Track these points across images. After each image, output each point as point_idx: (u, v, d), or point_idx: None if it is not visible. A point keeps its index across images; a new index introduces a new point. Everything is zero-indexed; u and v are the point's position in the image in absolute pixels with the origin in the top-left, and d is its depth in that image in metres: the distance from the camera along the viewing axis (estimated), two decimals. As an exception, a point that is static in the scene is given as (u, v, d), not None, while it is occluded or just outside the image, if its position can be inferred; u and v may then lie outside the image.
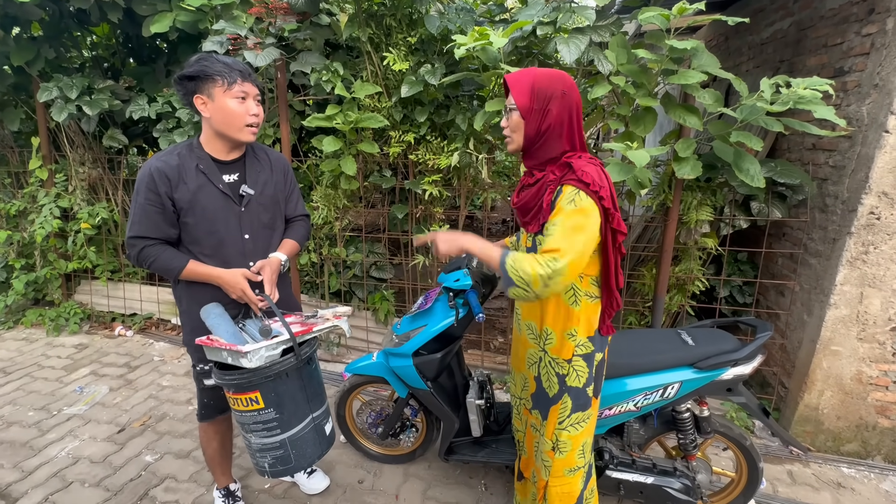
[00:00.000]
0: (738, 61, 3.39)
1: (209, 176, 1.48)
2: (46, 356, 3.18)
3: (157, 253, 1.46)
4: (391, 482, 2.10)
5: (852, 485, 2.13)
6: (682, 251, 2.57)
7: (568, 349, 1.36)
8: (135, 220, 1.45)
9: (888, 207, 2.00)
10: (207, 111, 1.44)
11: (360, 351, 3.16)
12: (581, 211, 1.18)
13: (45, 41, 3.17)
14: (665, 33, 2.00)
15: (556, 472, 1.45)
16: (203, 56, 1.44)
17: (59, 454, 2.24)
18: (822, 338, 2.19)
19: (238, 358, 1.36)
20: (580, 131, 1.29)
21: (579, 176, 1.20)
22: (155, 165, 1.44)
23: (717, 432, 1.75)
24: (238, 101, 1.44)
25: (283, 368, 1.41)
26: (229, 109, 1.43)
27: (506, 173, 3.10)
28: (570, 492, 1.46)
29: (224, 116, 1.44)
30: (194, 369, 1.66)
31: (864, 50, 2.08)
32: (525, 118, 1.27)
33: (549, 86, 1.24)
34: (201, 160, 1.49)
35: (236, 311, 1.56)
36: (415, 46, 2.60)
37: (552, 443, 1.44)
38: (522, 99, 1.25)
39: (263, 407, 1.43)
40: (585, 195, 1.19)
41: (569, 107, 1.25)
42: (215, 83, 1.41)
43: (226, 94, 1.42)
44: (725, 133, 2.08)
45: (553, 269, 1.14)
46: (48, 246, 3.49)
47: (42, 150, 3.42)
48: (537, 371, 1.45)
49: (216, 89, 1.41)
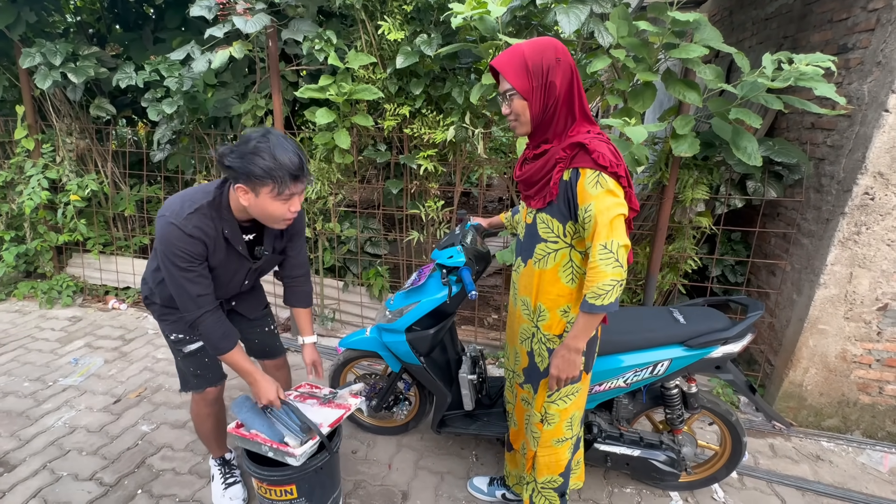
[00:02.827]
0: (742, 37, 3.32)
1: (232, 241, 1.45)
2: (40, 328, 3.18)
3: (216, 321, 1.45)
4: (384, 452, 2.15)
5: (830, 457, 2.20)
6: (676, 230, 2.57)
7: (559, 325, 1.37)
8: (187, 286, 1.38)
9: (883, 188, 2.00)
10: (247, 201, 1.34)
11: (354, 326, 3.18)
12: (610, 192, 1.19)
13: (26, 4, 3.04)
14: (668, 5, 1.94)
15: (544, 442, 1.49)
16: (259, 146, 1.26)
17: (55, 424, 2.27)
18: (809, 317, 2.22)
19: (285, 457, 1.47)
20: (582, 95, 1.25)
21: (595, 159, 1.18)
22: (189, 231, 1.34)
23: (703, 408, 1.79)
24: (282, 202, 1.33)
25: (320, 463, 1.54)
26: (272, 211, 1.34)
27: (502, 149, 3.05)
28: (558, 461, 1.51)
29: (263, 213, 1.36)
30: (168, 339, 1.64)
31: (869, 26, 2.03)
32: (528, 99, 1.22)
33: (543, 57, 1.19)
34: (226, 223, 1.42)
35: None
36: (410, 15, 2.52)
37: (541, 415, 1.47)
38: (519, 80, 1.21)
39: (296, 497, 1.55)
40: (606, 175, 1.18)
41: (569, 72, 1.21)
42: (266, 185, 1.28)
43: (272, 197, 1.31)
44: (725, 110, 2.05)
45: (618, 257, 1.18)
46: (37, 218, 3.44)
47: (28, 119, 3.33)
48: (530, 346, 1.46)
49: (263, 189, 1.29)
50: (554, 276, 1.34)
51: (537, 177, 1.30)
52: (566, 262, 1.32)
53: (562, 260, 1.32)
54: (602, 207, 1.18)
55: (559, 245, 1.31)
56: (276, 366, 1.93)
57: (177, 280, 1.38)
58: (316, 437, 1.51)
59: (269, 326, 1.87)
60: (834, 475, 2.09)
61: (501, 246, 3.44)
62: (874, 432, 2.32)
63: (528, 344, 1.47)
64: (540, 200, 1.30)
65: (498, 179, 4.71)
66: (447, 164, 2.77)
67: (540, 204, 1.31)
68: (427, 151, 2.59)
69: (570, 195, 1.24)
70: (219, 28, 2.39)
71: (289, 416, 1.55)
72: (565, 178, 1.24)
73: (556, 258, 1.33)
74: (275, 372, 1.92)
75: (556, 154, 1.25)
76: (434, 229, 2.87)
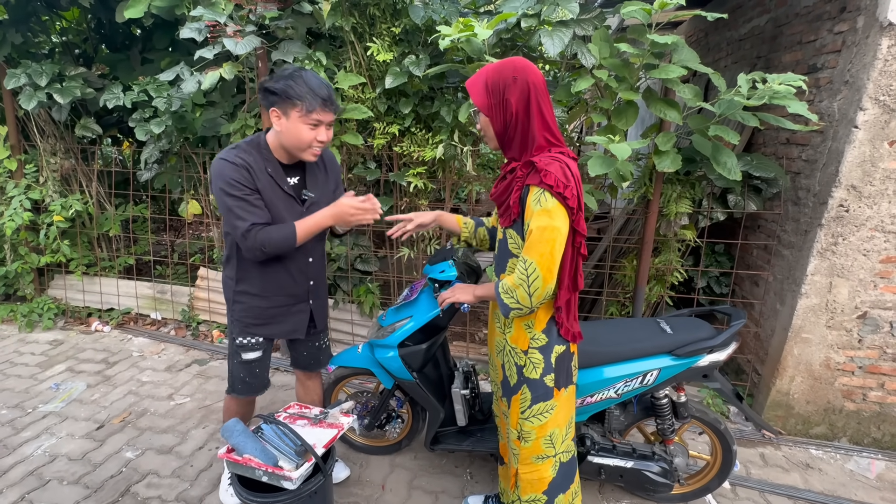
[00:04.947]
0: (718, 57, 3.46)
1: (276, 179, 1.55)
2: (19, 353, 3.08)
3: (268, 233, 1.49)
4: (378, 473, 2.12)
5: (820, 465, 2.23)
6: (662, 243, 2.63)
7: (524, 340, 1.39)
8: (240, 213, 1.46)
9: (856, 200, 2.08)
10: (280, 126, 1.49)
11: (344, 343, 3.15)
12: (546, 212, 1.21)
13: (12, 25, 3.04)
14: (647, 28, 2.02)
15: (523, 459, 1.47)
16: (294, 73, 1.45)
17: (35, 452, 2.19)
18: (793, 326, 2.27)
19: (280, 481, 1.44)
20: (549, 113, 1.27)
21: (542, 177, 1.20)
22: (233, 160, 1.48)
23: (693, 417, 1.81)
24: (310, 127, 1.46)
25: (315, 487, 1.51)
26: (300, 134, 1.47)
27: (490, 166, 3.10)
28: (540, 478, 1.47)
29: (292, 138, 1.48)
30: (232, 342, 1.71)
31: (836, 47, 2.14)
32: (489, 115, 1.28)
33: (500, 76, 1.24)
34: (269, 163, 1.54)
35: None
36: (399, 37, 2.58)
37: (517, 432, 1.46)
38: (479, 98, 1.27)
39: None
40: (550, 195, 1.20)
41: (524, 90, 1.23)
42: (294, 106, 1.43)
43: (301, 118, 1.44)
44: (704, 127, 2.12)
45: (530, 277, 1.21)
46: (19, 240, 3.37)
47: (10, 139, 3.28)
48: (502, 359, 1.47)
49: (294, 111, 1.44)
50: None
51: (504, 196, 1.34)
52: None
53: None
54: (534, 226, 1.21)
55: None
56: (309, 377, 1.95)
57: (232, 210, 1.46)
58: (311, 459, 1.49)
59: (321, 341, 1.90)
60: (824, 483, 2.12)
61: (492, 261, 3.46)
62: (860, 439, 2.37)
63: (501, 357, 1.48)
64: (507, 218, 1.34)
65: (486, 195, 4.77)
66: (436, 181, 2.80)
67: (507, 222, 1.35)
68: (416, 169, 2.63)
69: (524, 212, 1.27)
70: (209, 49, 2.41)
71: (280, 439, 1.52)
72: (522, 196, 1.27)
73: None
74: (307, 381, 1.95)
75: (516, 174, 1.29)
76: (424, 245, 2.88)
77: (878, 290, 2.16)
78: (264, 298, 1.66)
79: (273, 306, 1.68)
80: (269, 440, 1.53)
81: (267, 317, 1.69)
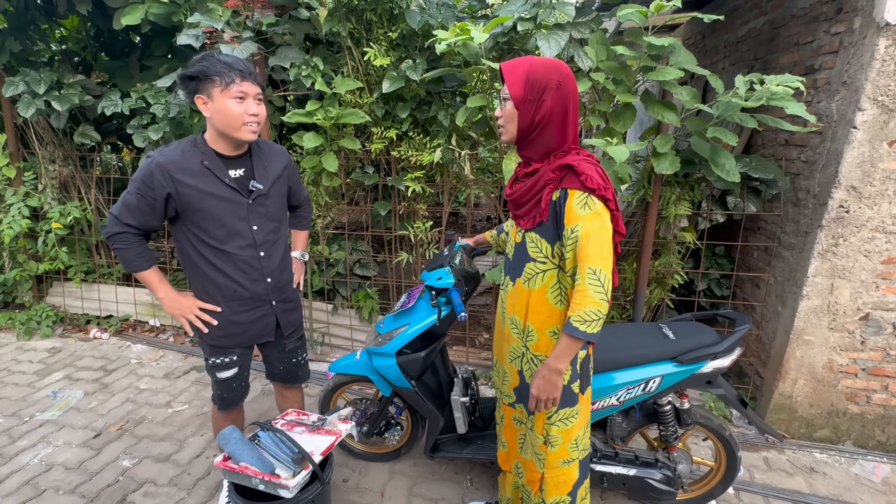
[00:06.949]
0: (715, 59, 3.46)
1: (214, 171, 1.51)
2: (17, 361, 3.07)
3: (129, 244, 1.51)
4: (377, 480, 2.10)
5: (824, 469, 2.20)
6: (661, 245, 2.61)
7: (550, 347, 1.37)
8: (125, 203, 1.48)
9: (856, 201, 2.07)
10: (208, 111, 1.46)
11: (343, 349, 3.13)
12: (597, 215, 1.21)
13: (10, 33, 3.04)
14: (643, 31, 2.02)
15: (550, 464, 1.46)
16: (205, 55, 1.44)
17: (31, 461, 2.17)
18: (795, 328, 2.25)
19: (277, 489, 1.42)
20: (575, 124, 1.28)
21: (584, 181, 1.20)
22: (158, 161, 1.46)
23: (697, 423, 1.78)
24: (236, 101, 1.44)
25: (312, 496, 1.48)
26: (227, 110, 1.43)
27: (489, 170, 3.10)
28: (566, 480, 1.48)
29: (222, 117, 1.45)
30: (206, 363, 1.70)
31: (833, 48, 2.14)
32: (518, 108, 1.25)
33: (544, 76, 1.22)
34: (205, 156, 1.51)
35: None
36: (396, 42, 2.58)
37: (543, 437, 1.45)
38: (516, 88, 1.23)
39: None
40: (595, 198, 1.20)
41: (564, 98, 1.23)
42: (214, 83, 1.41)
43: (223, 94, 1.42)
44: (702, 129, 2.12)
45: (605, 285, 1.19)
46: (17, 247, 3.36)
47: (9, 147, 3.28)
48: (520, 366, 1.45)
49: (215, 89, 1.42)
50: (542, 296, 1.34)
51: (526, 197, 1.31)
52: (554, 284, 1.33)
53: (550, 281, 1.33)
54: (590, 230, 1.20)
55: (547, 266, 1.32)
56: (287, 388, 1.92)
57: (128, 195, 1.47)
58: (308, 467, 1.47)
59: (298, 357, 1.85)
60: (829, 487, 2.09)
61: (490, 265, 3.45)
62: (865, 442, 2.34)
63: (517, 363, 1.46)
64: (530, 220, 1.32)
65: (485, 199, 4.76)
66: (435, 185, 2.80)
67: (530, 224, 1.32)
68: (414, 173, 2.62)
69: (558, 216, 1.25)
70: (206, 56, 2.41)
71: (277, 446, 1.50)
72: (554, 199, 1.26)
73: (545, 279, 1.33)
74: (285, 392, 1.92)
75: (546, 175, 1.26)
76: (423, 250, 2.87)
77: (880, 291, 2.14)
78: (223, 305, 1.60)
79: (232, 313, 1.62)
80: (266, 448, 1.51)
81: (227, 325, 1.62)
